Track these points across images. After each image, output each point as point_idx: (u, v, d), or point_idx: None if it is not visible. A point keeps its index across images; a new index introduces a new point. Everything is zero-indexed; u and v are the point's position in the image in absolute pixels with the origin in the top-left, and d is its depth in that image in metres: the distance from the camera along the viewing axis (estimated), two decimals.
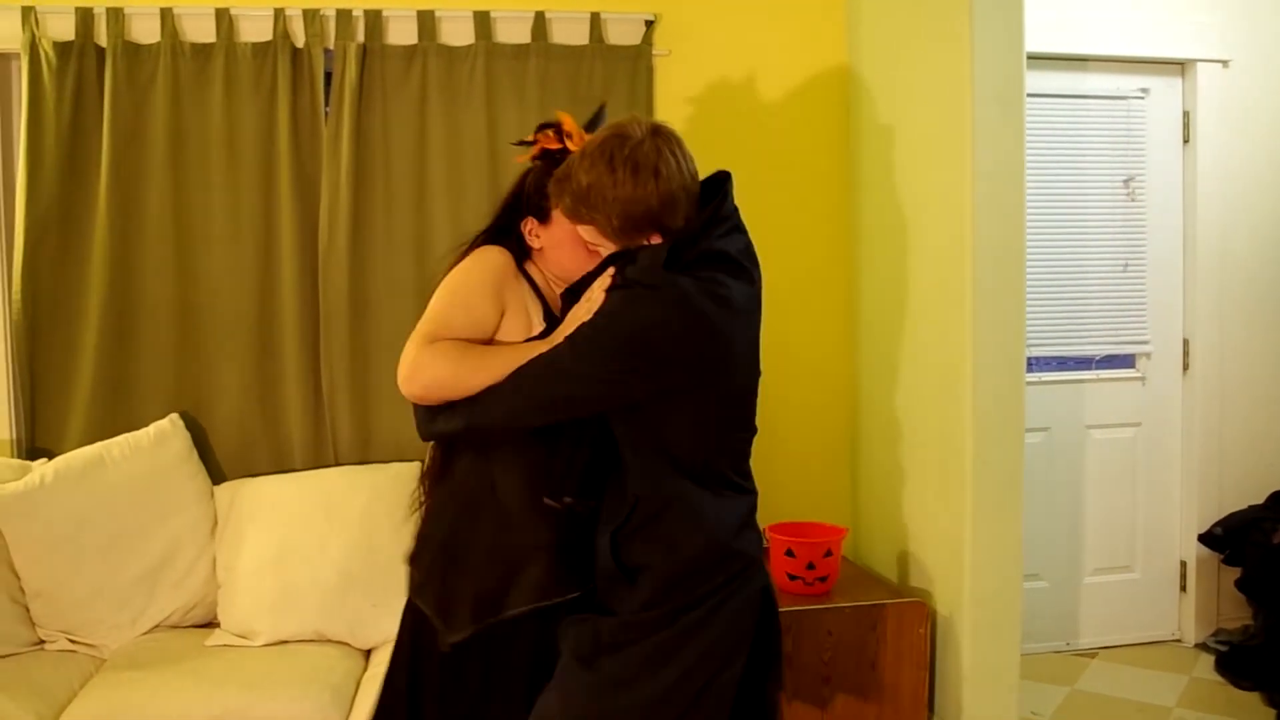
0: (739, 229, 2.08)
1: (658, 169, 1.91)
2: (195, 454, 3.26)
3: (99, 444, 3.16)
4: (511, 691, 2.08)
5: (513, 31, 3.46)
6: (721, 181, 2.08)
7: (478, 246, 2.17)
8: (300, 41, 3.35)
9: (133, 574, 3.04)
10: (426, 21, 3.40)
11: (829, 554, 3.18)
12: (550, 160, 2.11)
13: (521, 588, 2.05)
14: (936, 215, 3.18)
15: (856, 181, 3.69)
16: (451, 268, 2.15)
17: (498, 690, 2.09)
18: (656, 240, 1.96)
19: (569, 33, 3.49)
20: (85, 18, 3.25)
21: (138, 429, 3.22)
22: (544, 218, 2.13)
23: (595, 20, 3.49)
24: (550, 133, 2.15)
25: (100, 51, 3.28)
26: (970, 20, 2.96)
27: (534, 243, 2.16)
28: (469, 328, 2.04)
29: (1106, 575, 4.11)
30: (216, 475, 3.32)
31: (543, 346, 1.98)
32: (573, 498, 2.07)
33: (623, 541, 1.99)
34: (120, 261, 3.30)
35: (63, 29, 3.25)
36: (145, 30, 3.30)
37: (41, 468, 3.07)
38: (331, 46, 3.37)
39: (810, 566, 3.16)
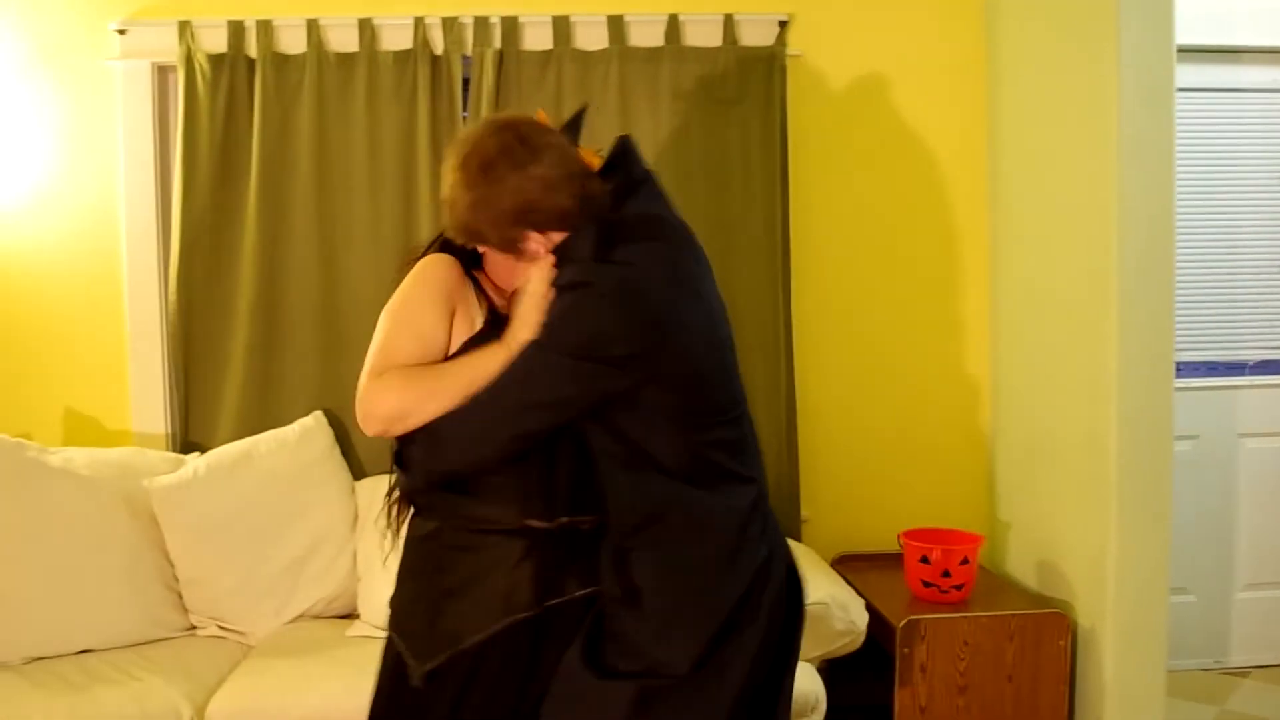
0: (658, 196, 1.93)
1: (511, 161, 1.78)
2: (338, 450, 3.36)
3: (248, 439, 3.28)
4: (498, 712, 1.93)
5: (646, 35, 3.48)
6: (624, 148, 1.94)
7: (424, 256, 2.01)
8: (439, 49, 3.43)
9: (278, 565, 3.15)
10: (561, 27, 3.45)
11: (965, 561, 3.11)
12: None
13: (493, 607, 1.90)
14: (1080, 215, 3.08)
15: (996, 181, 3.61)
16: (400, 273, 2.02)
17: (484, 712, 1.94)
18: (552, 235, 1.82)
19: (702, 35, 3.49)
20: (236, 30, 3.39)
21: (284, 425, 3.34)
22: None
23: (728, 22, 3.48)
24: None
25: (250, 63, 3.41)
26: (1116, 14, 2.87)
27: (480, 247, 1.99)
28: (419, 349, 1.89)
29: (1260, 591, 3.93)
30: (357, 471, 3.41)
31: (493, 352, 1.83)
32: (568, 516, 1.92)
33: (624, 558, 1.85)
34: (268, 265, 3.42)
35: (215, 42, 3.40)
36: (292, 41, 3.42)
37: (194, 461, 3.20)
38: (469, 53, 3.44)
39: (946, 574, 3.10)
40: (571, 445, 1.90)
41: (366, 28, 3.42)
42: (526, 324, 1.81)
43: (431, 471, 1.89)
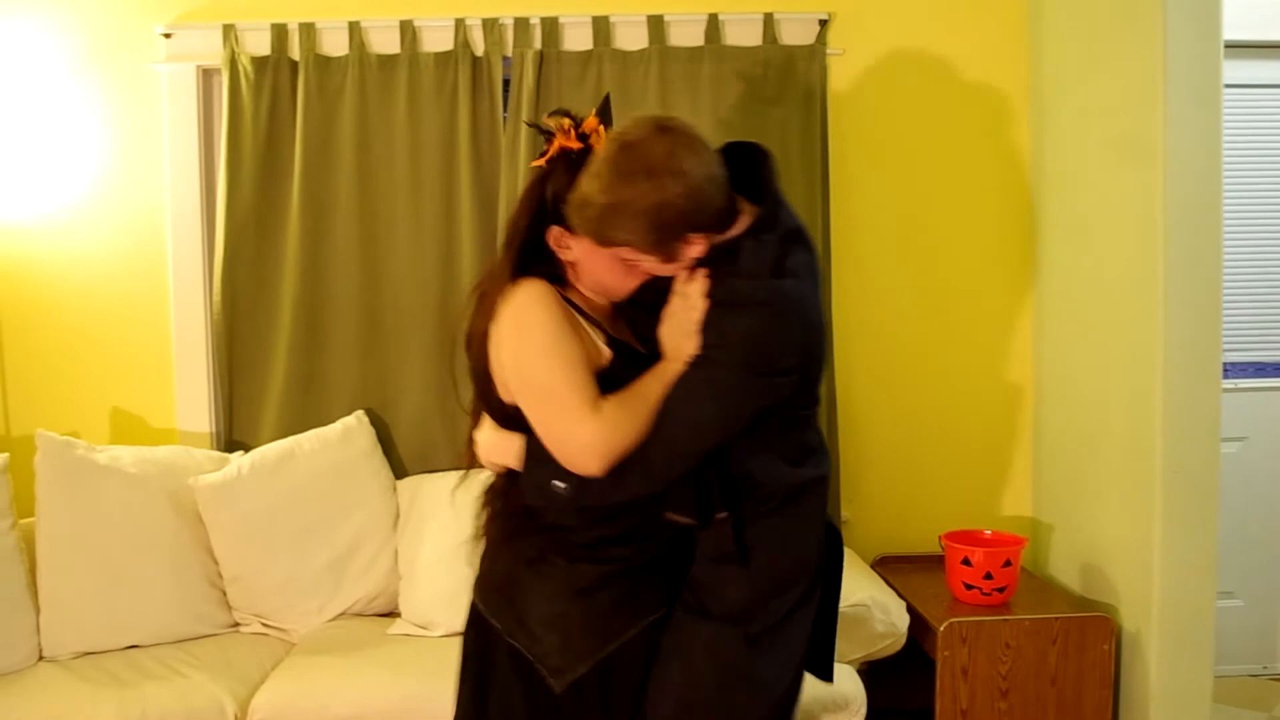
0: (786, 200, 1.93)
1: (674, 168, 1.73)
2: (379, 450, 3.38)
3: (290, 438, 3.31)
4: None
5: (686, 34, 3.48)
6: (753, 152, 1.92)
7: (507, 279, 1.89)
8: (480, 50, 3.45)
9: (321, 563, 3.17)
10: (601, 27, 3.45)
11: (1007, 564, 3.09)
12: (568, 161, 1.87)
13: (629, 609, 1.93)
14: (1126, 214, 3.04)
15: (1040, 181, 3.57)
16: (485, 305, 1.91)
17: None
18: (697, 243, 1.81)
19: (742, 34, 3.48)
20: (280, 33, 3.42)
21: (326, 425, 3.37)
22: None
23: (769, 21, 3.47)
24: (568, 124, 1.90)
25: (293, 65, 3.44)
26: (1163, 9, 2.83)
27: (566, 255, 1.91)
28: (587, 372, 1.83)
29: None
30: (399, 471, 3.44)
31: (663, 371, 1.84)
32: (722, 510, 1.92)
33: (739, 525, 1.92)
34: (311, 265, 3.45)
35: (259, 45, 3.43)
36: (335, 44, 3.45)
37: (238, 460, 3.23)
38: (510, 54, 3.45)
39: (988, 576, 3.08)
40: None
41: (408, 29, 3.44)
42: (689, 337, 1.82)
43: (612, 499, 1.87)
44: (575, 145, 1.87)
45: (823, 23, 3.51)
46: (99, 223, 3.53)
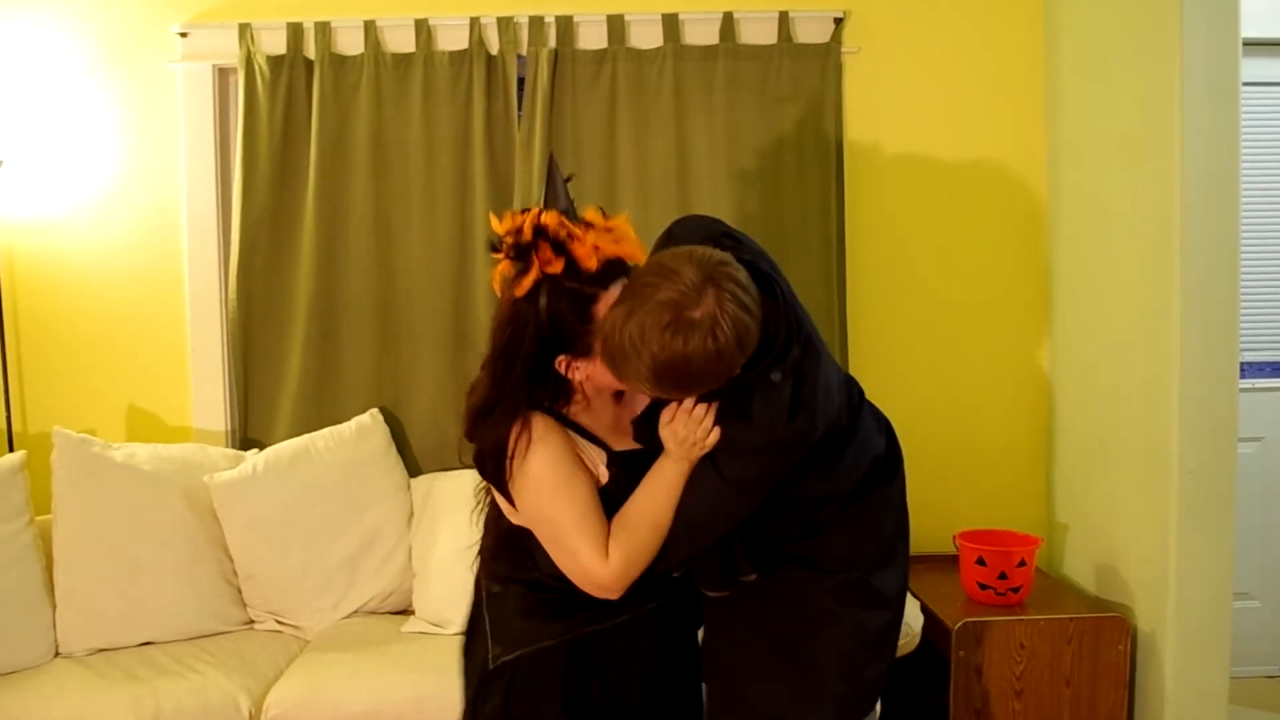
0: (786, 285, 1.88)
1: (719, 325, 1.65)
2: (394, 448, 3.39)
3: (305, 436, 3.32)
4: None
5: (701, 33, 3.48)
6: (771, 279, 1.81)
7: (512, 416, 1.84)
8: (494, 49, 3.45)
9: (335, 560, 3.18)
10: (616, 25, 3.45)
11: (1022, 564, 3.08)
12: (554, 278, 1.78)
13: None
14: (1143, 211, 3.03)
15: (1055, 178, 3.56)
16: (490, 433, 1.86)
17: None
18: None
19: (757, 32, 3.48)
20: (295, 32, 3.43)
21: (341, 423, 3.38)
22: (583, 351, 1.81)
23: (783, 19, 3.47)
24: (546, 247, 1.77)
25: (309, 64, 3.45)
26: (1180, 6, 2.81)
27: (576, 376, 1.86)
28: (597, 510, 1.85)
29: None
30: (413, 469, 3.44)
31: (662, 470, 1.85)
32: (751, 574, 1.98)
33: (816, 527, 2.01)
34: (326, 263, 3.46)
35: (275, 43, 3.44)
36: (350, 43, 3.46)
37: (253, 458, 3.24)
38: (524, 53, 3.45)
39: (1002, 576, 3.07)
40: None
41: (423, 28, 3.45)
42: (694, 446, 1.82)
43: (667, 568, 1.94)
44: (558, 267, 1.77)
45: (838, 21, 3.50)
46: (115, 221, 3.55)
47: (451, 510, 3.19)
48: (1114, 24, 3.18)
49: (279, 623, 3.17)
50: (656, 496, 1.85)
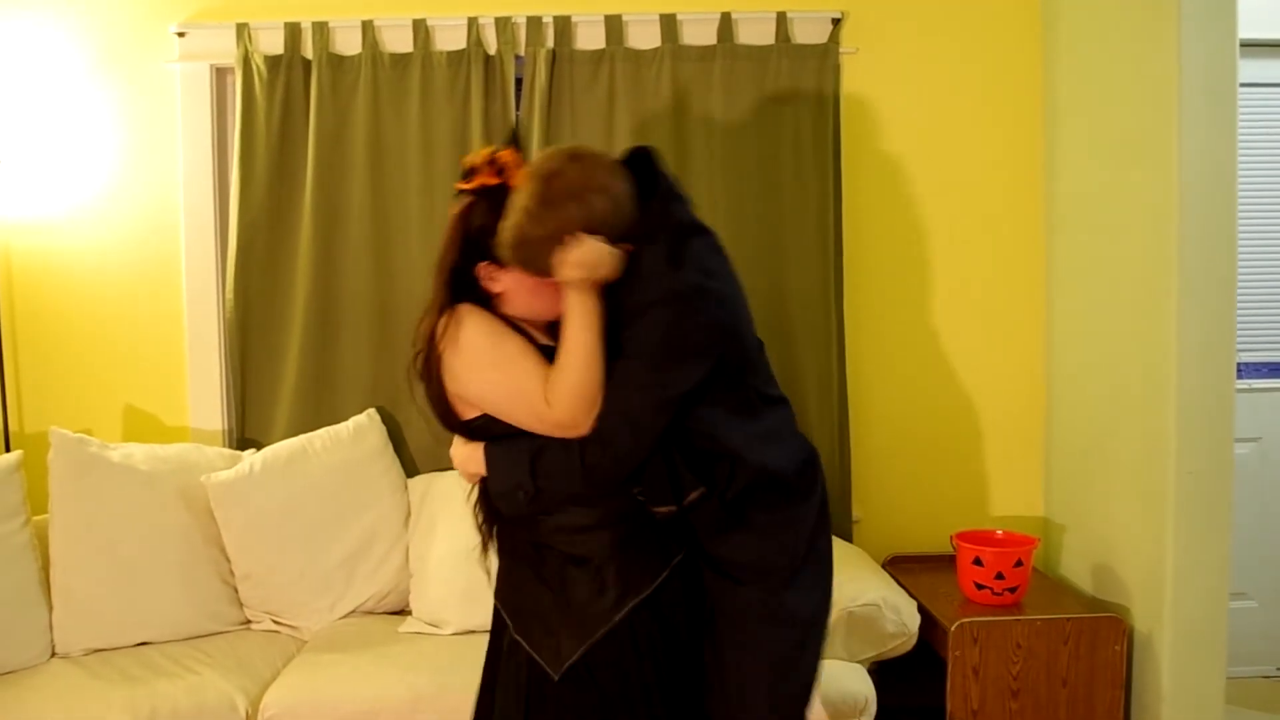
0: (682, 194, 2.06)
1: (593, 186, 1.89)
2: (390, 448, 3.39)
3: (302, 436, 3.32)
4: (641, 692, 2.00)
5: (698, 33, 3.48)
6: (648, 157, 2.03)
7: (446, 309, 1.99)
8: (492, 49, 3.45)
9: (332, 560, 3.18)
10: (614, 26, 3.45)
11: (1019, 564, 3.08)
12: (489, 196, 1.96)
13: (610, 595, 1.99)
14: (1140, 211, 3.03)
15: (1053, 178, 3.56)
16: (431, 337, 1.99)
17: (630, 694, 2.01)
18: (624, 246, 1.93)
19: (755, 33, 3.48)
20: (293, 32, 3.43)
21: (338, 423, 3.38)
22: (501, 260, 1.96)
23: (781, 19, 3.47)
24: (490, 171, 1.99)
25: (306, 64, 3.45)
26: (1178, 8, 2.82)
27: (494, 287, 2.00)
28: (535, 358, 1.95)
29: None
30: (410, 469, 3.44)
31: (575, 316, 1.93)
32: (695, 491, 2.02)
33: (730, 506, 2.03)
34: (323, 263, 3.46)
35: (272, 44, 3.44)
36: (348, 43, 3.46)
37: (250, 457, 3.24)
38: (522, 53, 3.45)
39: (999, 576, 3.07)
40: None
41: (420, 28, 3.45)
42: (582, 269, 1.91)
43: (582, 490, 1.97)
44: (493, 181, 1.96)
45: (835, 21, 3.50)
46: (113, 221, 3.55)
47: (449, 510, 3.19)
48: (1112, 25, 3.18)
49: (276, 623, 3.17)
50: (573, 327, 1.91)
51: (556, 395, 1.89)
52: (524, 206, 1.88)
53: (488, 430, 1.99)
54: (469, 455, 2.03)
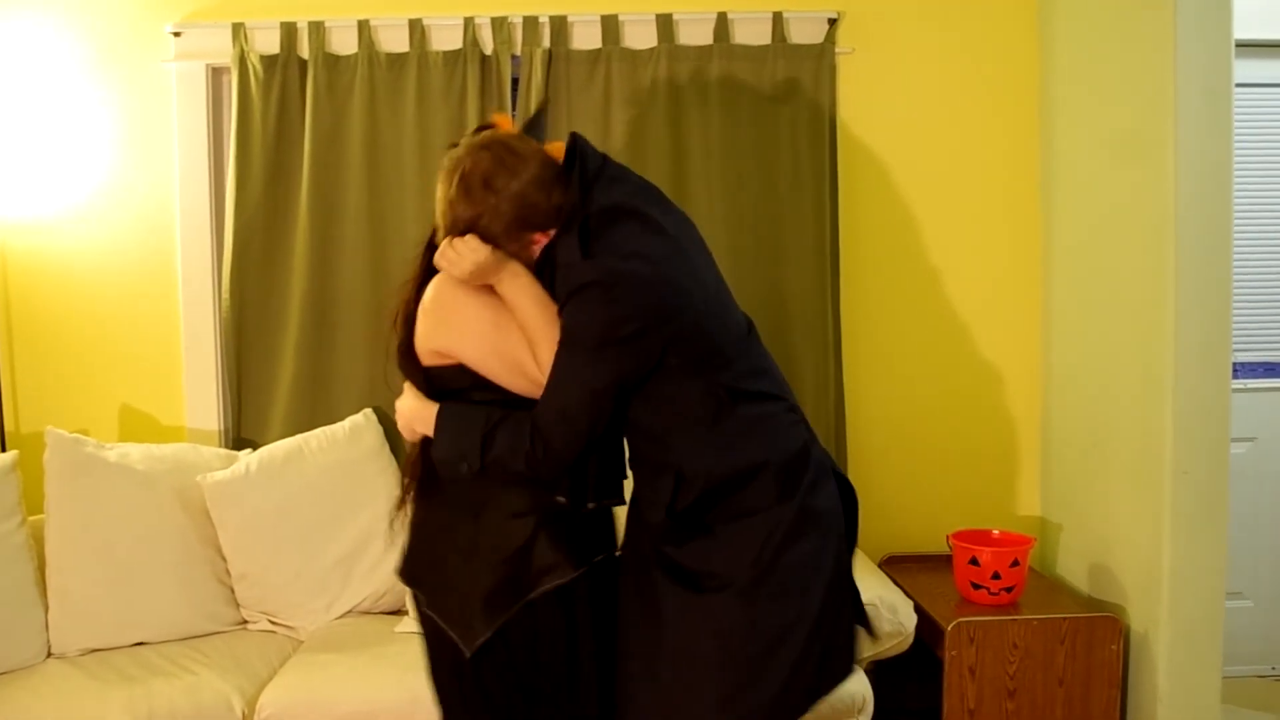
0: (617, 176, 2.05)
1: (508, 171, 1.93)
2: (387, 448, 3.38)
3: (298, 436, 3.32)
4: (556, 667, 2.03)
5: (695, 33, 3.48)
6: (574, 144, 2.04)
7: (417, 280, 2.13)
8: (489, 49, 3.45)
9: (329, 560, 3.18)
10: (610, 25, 3.45)
11: (1015, 564, 3.08)
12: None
13: (531, 574, 2.00)
14: (1137, 211, 3.03)
15: (1049, 178, 3.56)
16: (413, 292, 2.12)
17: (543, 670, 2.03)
18: (539, 241, 1.98)
19: (751, 33, 3.48)
20: (289, 32, 3.43)
21: (334, 423, 3.37)
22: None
23: (777, 19, 3.47)
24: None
25: (302, 64, 3.45)
26: (1174, 8, 2.82)
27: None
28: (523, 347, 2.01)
29: None
30: None
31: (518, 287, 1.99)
32: (596, 501, 2.06)
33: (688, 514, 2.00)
34: (320, 263, 3.46)
35: (269, 43, 3.44)
36: (344, 42, 3.45)
37: (246, 458, 3.24)
38: (519, 53, 3.45)
39: (995, 576, 3.07)
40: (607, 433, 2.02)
41: (416, 28, 3.44)
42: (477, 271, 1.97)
43: (521, 475, 1.97)
44: None
45: (831, 22, 3.50)
46: (109, 220, 3.54)
47: None
48: (1108, 25, 3.18)
49: (272, 623, 3.17)
50: (516, 308, 1.98)
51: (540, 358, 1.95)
52: (449, 196, 1.95)
53: (443, 381, 2.04)
54: (418, 412, 2.06)
